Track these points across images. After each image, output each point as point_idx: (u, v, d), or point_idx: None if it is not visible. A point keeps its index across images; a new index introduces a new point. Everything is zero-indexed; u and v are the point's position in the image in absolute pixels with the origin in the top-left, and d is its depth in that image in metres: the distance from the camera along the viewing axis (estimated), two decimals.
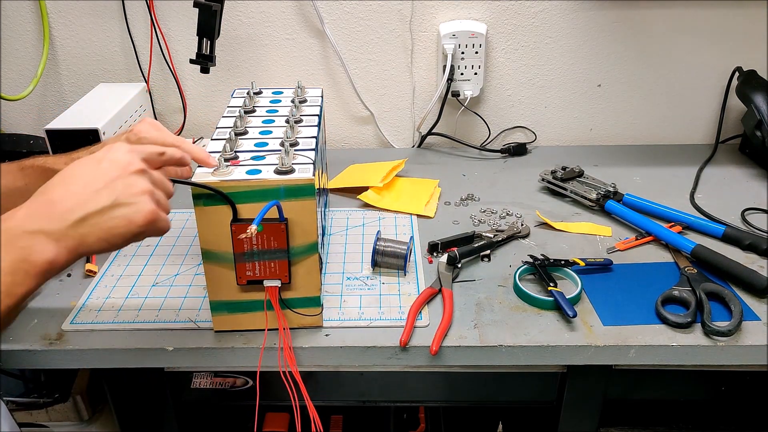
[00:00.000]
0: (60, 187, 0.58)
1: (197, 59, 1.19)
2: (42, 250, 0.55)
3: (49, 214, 0.56)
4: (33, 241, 0.55)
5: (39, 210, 0.57)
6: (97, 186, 0.58)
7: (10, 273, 0.54)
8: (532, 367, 0.88)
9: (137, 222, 0.60)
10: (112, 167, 0.60)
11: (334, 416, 1.23)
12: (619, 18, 1.30)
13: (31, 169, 0.81)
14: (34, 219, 0.56)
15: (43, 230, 0.56)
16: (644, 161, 1.32)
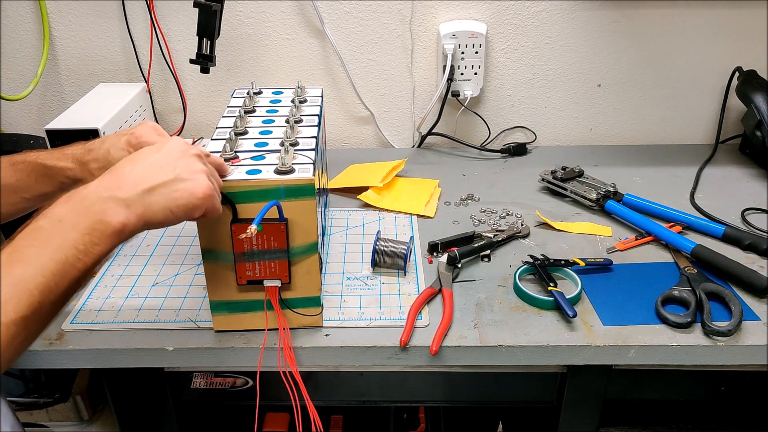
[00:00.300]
0: (129, 165, 0.64)
1: (197, 59, 1.19)
2: (115, 213, 0.60)
3: (120, 184, 0.62)
4: (107, 205, 0.60)
5: (111, 181, 0.62)
6: (162, 163, 0.65)
7: (88, 233, 0.59)
8: (532, 367, 0.88)
9: (197, 194, 0.65)
10: (173, 150, 0.66)
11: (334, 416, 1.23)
12: (619, 18, 1.30)
13: (23, 164, 0.80)
14: (107, 187, 0.62)
15: (116, 196, 0.61)
16: (644, 161, 1.32)
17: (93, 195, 0.61)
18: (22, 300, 0.54)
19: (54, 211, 0.59)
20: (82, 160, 0.79)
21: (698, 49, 1.33)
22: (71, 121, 1.09)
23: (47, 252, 0.56)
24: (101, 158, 0.78)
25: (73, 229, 0.58)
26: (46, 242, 0.57)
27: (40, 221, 0.58)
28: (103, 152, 0.78)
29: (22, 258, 0.56)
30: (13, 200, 0.80)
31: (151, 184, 0.63)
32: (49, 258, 0.56)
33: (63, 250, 0.57)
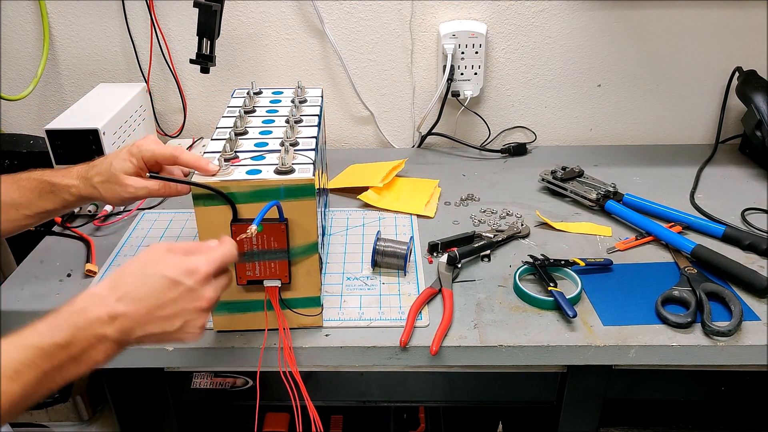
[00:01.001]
0: (129, 298, 0.61)
1: (197, 59, 1.19)
2: (98, 357, 0.59)
3: (123, 328, 0.60)
4: (92, 349, 0.59)
5: (101, 311, 0.59)
6: (169, 311, 0.62)
7: (65, 360, 0.57)
8: (532, 367, 0.88)
9: (189, 342, 0.65)
10: (182, 293, 0.63)
11: (334, 416, 1.23)
12: (619, 18, 1.30)
13: (28, 181, 0.80)
14: (97, 322, 0.59)
15: (105, 336, 0.59)
16: (644, 161, 1.32)
17: (96, 326, 0.59)
18: None
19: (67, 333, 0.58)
20: (86, 176, 0.79)
21: (698, 49, 1.33)
22: (71, 121, 1.09)
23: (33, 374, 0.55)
24: (104, 171, 0.78)
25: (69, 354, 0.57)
26: None
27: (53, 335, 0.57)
28: (106, 165, 0.78)
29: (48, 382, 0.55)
30: (15, 217, 0.80)
31: (147, 332, 0.61)
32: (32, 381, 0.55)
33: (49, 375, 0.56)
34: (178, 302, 0.62)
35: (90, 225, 1.10)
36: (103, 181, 0.78)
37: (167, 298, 0.62)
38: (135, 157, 0.78)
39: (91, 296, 0.60)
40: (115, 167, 0.78)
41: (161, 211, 1.14)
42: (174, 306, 0.62)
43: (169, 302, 0.62)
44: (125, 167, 0.78)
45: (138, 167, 0.78)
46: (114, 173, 0.77)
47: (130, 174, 0.78)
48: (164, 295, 0.62)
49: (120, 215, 1.12)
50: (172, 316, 0.62)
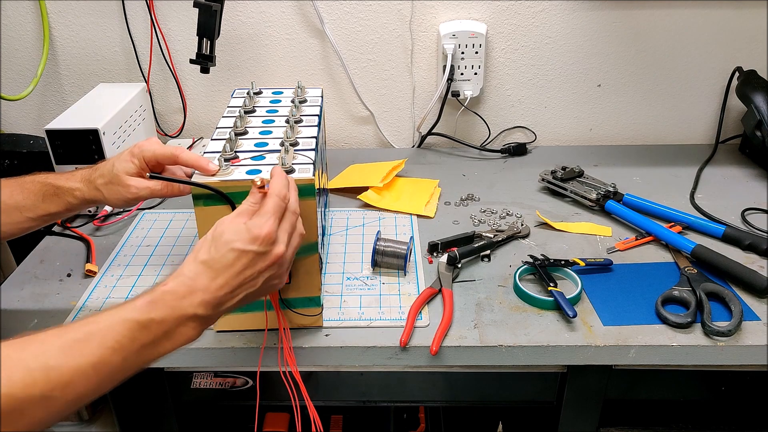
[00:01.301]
0: (208, 276, 0.63)
1: (197, 59, 1.19)
2: (189, 333, 0.62)
3: (211, 304, 0.63)
4: (185, 326, 0.62)
5: (191, 293, 0.62)
6: (245, 277, 0.64)
7: (162, 342, 0.60)
8: (532, 367, 0.88)
9: (267, 295, 0.70)
10: (253, 259, 0.65)
11: (334, 416, 1.23)
12: (619, 18, 1.30)
13: (32, 183, 0.81)
14: (186, 302, 0.62)
15: (196, 315, 0.62)
16: (644, 161, 1.32)
17: (181, 307, 0.61)
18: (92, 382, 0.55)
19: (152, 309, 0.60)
20: (89, 179, 0.80)
21: (698, 49, 1.33)
22: (71, 121, 1.09)
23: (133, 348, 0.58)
24: (107, 173, 0.79)
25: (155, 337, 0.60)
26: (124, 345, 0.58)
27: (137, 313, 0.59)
28: (108, 167, 0.79)
29: (114, 345, 0.57)
30: (18, 219, 0.80)
31: (233, 303, 0.65)
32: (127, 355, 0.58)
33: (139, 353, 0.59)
34: (254, 266, 0.64)
35: (90, 225, 1.10)
36: (106, 183, 0.79)
37: (242, 266, 0.64)
38: (136, 157, 0.78)
39: (179, 276, 0.63)
40: (118, 168, 0.78)
41: (161, 211, 1.14)
42: (251, 269, 0.64)
43: (246, 268, 0.64)
44: (127, 168, 0.78)
45: (140, 168, 0.79)
46: (116, 174, 0.78)
47: (132, 175, 0.78)
48: (238, 264, 0.64)
49: (120, 215, 1.12)
50: (252, 278, 0.65)
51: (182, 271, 0.63)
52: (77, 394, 0.54)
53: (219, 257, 0.63)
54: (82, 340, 0.55)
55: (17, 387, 0.50)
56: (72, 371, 0.53)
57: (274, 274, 0.67)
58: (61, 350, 0.54)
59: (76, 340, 0.55)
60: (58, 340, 0.54)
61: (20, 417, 0.50)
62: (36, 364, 0.52)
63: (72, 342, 0.55)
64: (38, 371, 0.52)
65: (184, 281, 0.62)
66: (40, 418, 0.52)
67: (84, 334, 0.56)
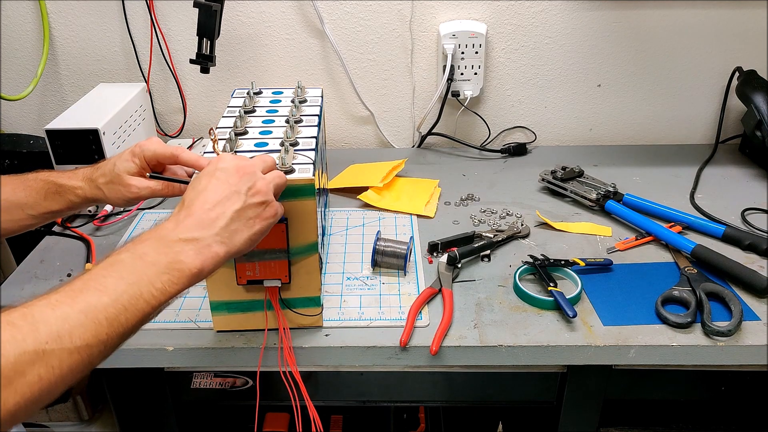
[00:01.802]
0: (193, 196, 0.64)
1: (197, 59, 1.19)
2: (193, 257, 0.60)
3: (196, 223, 0.62)
4: (186, 248, 0.60)
5: (186, 220, 0.62)
6: (225, 191, 0.64)
7: (167, 272, 0.58)
8: (532, 367, 0.88)
9: (270, 219, 0.67)
10: (229, 172, 0.66)
11: (334, 416, 1.23)
12: (619, 18, 1.30)
13: (34, 181, 0.81)
14: (186, 228, 0.61)
15: (194, 238, 0.61)
16: (644, 161, 1.32)
17: (172, 234, 0.61)
18: (90, 329, 0.52)
19: (137, 246, 0.59)
20: (91, 178, 0.80)
21: (698, 49, 1.33)
22: (71, 121, 1.09)
23: (123, 285, 0.56)
24: (108, 172, 0.79)
25: (152, 266, 0.58)
26: (124, 275, 0.56)
27: (122, 254, 0.58)
28: (110, 166, 0.79)
29: (98, 287, 0.55)
30: (19, 216, 0.80)
31: (225, 219, 0.63)
32: (124, 291, 0.55)
33: (139, 285, 0.56)
34: (234, 181, 0.65)
35: (90, 225, 1.10)
36: (107, 182, 0.79)
37: (219, 182, 0.65)
38: (137, 157, 0.78)
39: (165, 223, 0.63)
40: (119, 168, 0.78)
41: (161, 211, 1.14)
42: (233, 184, 0.65)
43: (223, 184, 0.65)
44: (128, 168, 0.78)
45: (140, 167, 0.79)
46: (117, 174, 0.78)
47: (133, 174, 0.78)
48: (215, 181, 0.65)
49: (120, 215, 1.12)
50: (234, 193, 0.64)
51: (163, 224, 0.63)
52: (74, 345, 0.52)
53: (199, 186, 0.65)
54: (67, 292, 0.54)
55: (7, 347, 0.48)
56: (60, 319, 0.52)
57: (259, 189, 0.66)
58: (46, 305, 0.52)
59: (62, 292, 0.54)
60: (45, 299, 0.53)
61: (20, 377, 0.48)
62: (23, 322, 0.50)
63: (57, 298, 0.53)
64: (26, 326, 0.50)
65: (165, 220, 0.63)
66: (41, 375, 0.49)
67: (68, 288, 0.55)
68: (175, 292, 0.59)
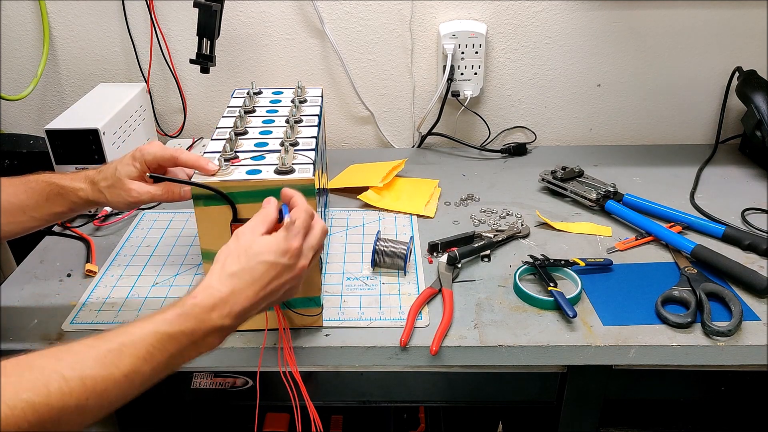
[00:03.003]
0: (238, 289, 0.65)
1: (197, 59, 1.19)
2: (214, 342, 0.64)
3: (237, 315, 0.65)
4: (210, 336, 0.64)
5: (220, 306, 0.64)
6: (268, 290, 0.67)
7: (187, 345, 0.62)
8: (532, 367, 0.88)
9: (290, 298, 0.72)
10: (278, 270, 0.67)
11: (334, 416, 1.23)
12: (619, 18, 1.30)
13: (36, 183, 0.81)
14: (215, 314, 0.63)
15: (223, 327, 0.64)
16: (644, 161, 1.32)
17: (207, 321, 0.63)
18: None
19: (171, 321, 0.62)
20: (93, 180, 0.80)
21: (698, 49, 1.33)
22: (71, 121, 1.09)
23: None
24: (109, 176, 0.79)
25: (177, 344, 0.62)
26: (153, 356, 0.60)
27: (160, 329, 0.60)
28: (111, 170, 0.79)
29: None
30: (22, 218, 0.80)
31: (257, 311, 0.67)
32: None
33: None
34: (280, 278, 0.67)
35: (90, 225, 1.10)
36: (109, 186, 0.79)
37: (270, 278, 0.66)
38: (138, 161, 0.79)
39: (207, 289, 0.64)
40: (120, 172, 0.78)
41: (161, 211, 1.14)
42: (277, 281, 0.67)
43: (273, 280, 0.67)
44: (129, 172, 0.78)
45: (141, 171, 0.79)
46: (119, 178, 0.78)
47: (134, 178, 0.79)
48: (267, 277, 0.66)
49: (120, 215, 1.12)
50: (276, 290, 0.67)
51: (210, 283, 0.64)
52: (110, 402, 0.56)
53: (249, 269, 0.65)
54: (116, 351, 0.57)
55: (54, 396, 0.52)
56: (106, 380, 0.55)
57: (294, 286, 0.70)
58: (96, 361, 0.55)
59: (110, 350, 0.57)
60: (93, 351, 0.56)
61: (57, 425, 0.52)
62: (72, 374, 0.53)
63: (106, 352, 0.56)
64: (74, 381, 0.53)
65: (212, 293, 0.64)
66: (74, 425, 0.53)
67: (117, 345, 0.57)
68: (182, 363, 0.63)
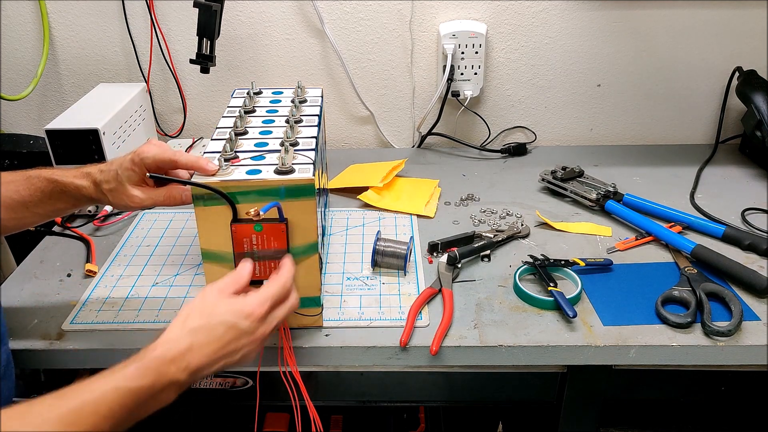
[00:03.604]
0: (196, 345, 0.67)
1: (197, 59, 1.19)
2: (170, 396, 0.65)
3: (193, 372, 0.66)
4: (167, 390, 0.64)
5: (178, 359, 0.65)
6: (225, 350, 0.68)
7: (146, 399, 0.63)
8: (532, 367, 0.88)
9: (244, 364, 0.71)
10: (237, 331, 0.68)
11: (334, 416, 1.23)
12: (619, 18, 1.30)
13: (38, 179, 0.80)
14: (173, 368, 0.64)
15: (179, 381, 0.65)
16: (644, 161, 1.32)
17: (163, 371, 0.64)
18: None
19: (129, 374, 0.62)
20: (96, 180, 0.79)
21: (698, 49, 1.33)
22: (71, 121, 1.09)
23: None
24: (111, 179, 0.78)
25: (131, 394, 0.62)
26: None
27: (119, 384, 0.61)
28: (113, 174, 0.78)
29: None
30: (23, 214, 0.80)
31: (212, 370, 0.68)
32: None
33: None
34: (239, 341, 0.69)
35: (90, 225, 1.10)
36: (111, 190, 0.78)
37: (228, 340, 0.68)
38: (137, 165, 0.78)
39: (167, 343, 0.66)
40: (122, 177, 0.77)
41: (161, 211, 1.14)
42: (235, 344, 0.68)
43: (231, 342, 0.68)
44: (130, 177, 0.78)
45: (141, 175, 0.78)
46: (121, 183, 0.77)
47: (135, 183, 0.78)
48: (225, 337, 0.68)
49: (120, 215, 1.12)
50: (233, 352, 0.68)
51: (170, 337, 0.66)
52: None
53: (209, 328, 0.67)
54: (77, 411, 0.58)
55: None
56: None
57: (251, 350, 0.70)
58: (59, 421, 0.57)
59: (71, 410, 0.58)
60: (56, 411, 0.57)
61: None
62: None
63: (68, 412, 0.58)
64: None
65: (171, 348, 0.65)
66: None
67: (79, 404, 0.58)
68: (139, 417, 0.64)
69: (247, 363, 0.71)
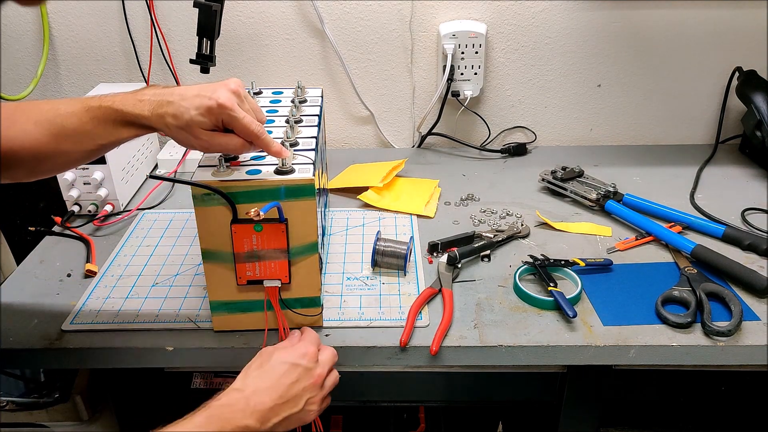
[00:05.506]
0: (259, 388, 0.71)
1: (197, 59, 1.19)
2: None
3: (261, 417, 0.69)
4: None
5: (242, 402, 0.69)
6: (292, 393, 0.72)
7: None
8: (532, 367, 0.88)
9: (309, 419, 0.75)
10: (302, 379, 0.73)
11: (334, 416, 1.23)
12: (619, 18, 1.30)
13: (99, 110, 0.76)
14: (239, 413, 0.68)
15: (248, 427, 0.68)
16: (644, 161, 1.32)
17: (230, 417, 0.67)
18: None
19: None
20: (159, 112, 0.74)
21: (698, 49, 1.33)
22: None
23: None
24: (179, 115, 0.73)
25: None
26: None
27: None
28: (182, 110, 0.73)
29: None
30: (90, 147, 0.77)
31: (281, 417, 0.70)
32: None
33: None
34: (300, 382, 0.72)
35: (90, 225, 1.10)
36: (178, 127, 0.74)
37: (290, 381, 0.72)
38: (215, 116, 0.74)
39: (231, 391, 0.70)
40: (193, 120, 0.73)
41: (161, 211, 1.14)
42: (297, 386, 0.72)
43: (293, 384, 0.72)
44: (201, 123, 0.73)
45: (214, 125, 0.74)
46: (190, 125, 0.73)
47: (206, 128, 0.74)
48: (287, 379, 0.72)
49: (120, 215, 1.12)
50: (296, 396, 0.72)
51: (233, 387, 0.70)
52: None
53: (269, 369, 0.72)
54: None
55: None
56: None
57: (313, 397, 0.73)
58: None
59: None
60: None
61: None
62: None
63: None
64: None
65: (236, 393, 0.69)
66: None
67: None
68: None
69: (309, 417, 0.73)
